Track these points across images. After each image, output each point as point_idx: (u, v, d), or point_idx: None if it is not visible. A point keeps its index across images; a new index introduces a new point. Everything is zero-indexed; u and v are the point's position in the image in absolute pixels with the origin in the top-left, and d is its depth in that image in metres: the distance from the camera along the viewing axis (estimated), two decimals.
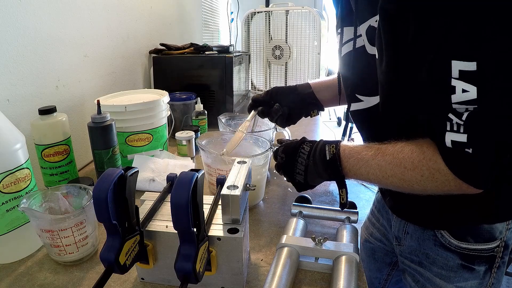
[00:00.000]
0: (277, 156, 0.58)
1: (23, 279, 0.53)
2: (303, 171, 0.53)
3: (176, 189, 0.38)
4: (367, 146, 0.49)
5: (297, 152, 0.54)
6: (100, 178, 0.40)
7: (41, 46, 0.80)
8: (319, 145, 0.52)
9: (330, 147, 0.51)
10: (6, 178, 0.53)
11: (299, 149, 0.54)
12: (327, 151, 0.51)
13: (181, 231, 0.40)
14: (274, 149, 0.60)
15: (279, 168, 0.57)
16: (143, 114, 0.87)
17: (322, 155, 0.51)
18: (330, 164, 0.50)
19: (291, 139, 0.61)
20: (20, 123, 0.74)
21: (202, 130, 1.13)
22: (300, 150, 0.54)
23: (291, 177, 0.55)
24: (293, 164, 0.54)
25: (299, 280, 0.52)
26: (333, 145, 0.51)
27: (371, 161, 0.47)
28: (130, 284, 0.51)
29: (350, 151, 0.50)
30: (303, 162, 0.53)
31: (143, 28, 1.36)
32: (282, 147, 0.57)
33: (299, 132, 1.29)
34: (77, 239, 0.53)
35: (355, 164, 0.49)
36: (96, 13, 1.02)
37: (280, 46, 1.96)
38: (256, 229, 0.66)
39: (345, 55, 0.58)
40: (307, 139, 0.57)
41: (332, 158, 0.50)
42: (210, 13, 2.59)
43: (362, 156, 0.48)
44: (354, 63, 0.56)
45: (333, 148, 0.51)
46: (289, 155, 0.55)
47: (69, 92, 0.91)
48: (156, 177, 0.80)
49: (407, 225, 0.62)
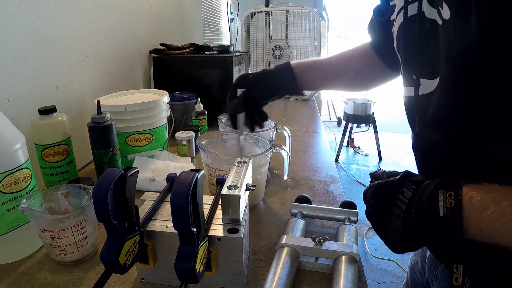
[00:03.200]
0: (366, 200, 0.41)
1: (23, 279, 0.53)
2: (400, 228, 0.36)
3: (176, 189, 0.38)
4: (507, 191, 0.32)
5: (393, 199, 0.37)
6: (100, 178, 0.40)
7: (41, 46, 0.80)
8: (428, 190, 0.34)
9: (447, 196, 0.33)
10: (6, 178, 0.53)
11: (396, 195, 0.37)
12: (441, 202, 0.33)
13: (181, 231, 0.40)
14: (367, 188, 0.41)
15: (368, 217, 0.40)
16: (143, 114, 0.87)
17: (431, 208, 0.33)
18: (444, 224, 0.32)
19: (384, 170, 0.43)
20: (20, 123, 0.74)
21: (202, 130, 1.13)
22: (398, 196, 0.37)
23: (383, 234, 0.38)
24: (386, 216, 0.37)
25: (299, 280, 0.52)
26: (451, 192, 0.33)
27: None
28: (130, 284, 0.51)
29: (482, 199, 0.32)
30: (400, 216, 0.36)
31: (143, 28, 1.36)
32: (372, 189, 0.40)
33: (299, 132, 1.29)
34: (77, 239, 0.53)
35: (494, 221, 0.31)
36: (96, 13, 1.02)
37: (280, 46, 1.96)
38: (256, 229, 0.66)
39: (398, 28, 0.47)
40: (411, 174, 0.39)
41: (449, 213, 0.32)
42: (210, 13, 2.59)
43: (503, 208, 0.30)
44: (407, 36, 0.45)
45: (451, 199, 0.32)
46: (380, 202, 0.38)
47: (69, 92, 0.91)
48: (156, 177, 0.80)
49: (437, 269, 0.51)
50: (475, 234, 0.32)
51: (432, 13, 0.39)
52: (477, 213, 0.32)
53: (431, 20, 0.39)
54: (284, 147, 0.76)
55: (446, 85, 0.39)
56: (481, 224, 0.31)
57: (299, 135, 1.26)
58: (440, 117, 0.41)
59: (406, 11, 0.44)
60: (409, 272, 0.68)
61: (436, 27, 0.39)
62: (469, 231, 0.32)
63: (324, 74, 0.72)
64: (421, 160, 0.49)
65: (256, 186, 0.59)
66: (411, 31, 0.44)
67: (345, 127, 3.44)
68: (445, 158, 0.42)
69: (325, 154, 1.08)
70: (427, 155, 0.47)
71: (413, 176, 0.38)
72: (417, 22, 0.43)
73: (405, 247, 0.38)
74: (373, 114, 3.26)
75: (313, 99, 1.94)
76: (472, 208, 0.32)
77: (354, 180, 3.03)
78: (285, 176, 0.80)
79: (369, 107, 3.22)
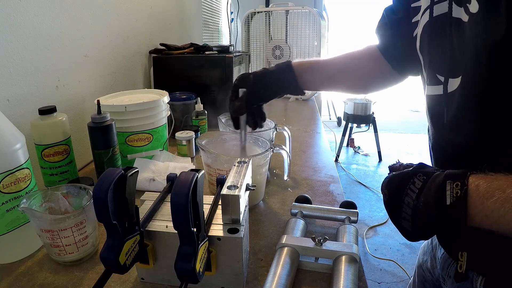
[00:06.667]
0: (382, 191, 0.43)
1: (23, 279, 0.53)
2: (411, 216, 0.38)
3: (176, 189, 0.38)
4: None
5: (405, 189, 0.39)
6: (100, 178, 0.40)
7: (41, 46, 0.80)
8: (437, 180, 0.36)
9: (454, 186, 0.35)
10: (6, 178, 0.53)
11: (408, 184, 0.39)
12: (448, 192, 0.35)
13: (181, 231, 0.40)
14: None
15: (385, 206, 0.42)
16: (143, 114, 0.87)
17: (439, 197, 0.35)
18: (450, 213, 0.34)
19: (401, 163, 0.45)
20: (20, 123, 0.74)
21: (202, 130, 1.13)
22: (409, 186, 0.39)
23: (397, 223, 0.40)
24: (399, 205, 0.39)
25: (299, 280, 0.52)
26: (458, 182, 0.34)
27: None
28: (130, 284, 0.51)
29: (487, 187, 0.33)
30: (411, 204, 0.38)
31: (143, 28, 1.36)
32: (387, 180, 0.42)
33: (299, 132, 1.29)
34: (77, 239, 0.53)
35: (499, 207, 0.32)
36: (96, 13, 1.02)
37: (280, 46, 1.96)
38: (256, 229, 0.66)
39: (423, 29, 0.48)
40: (425, 165, 0.41)
41: (455, 202, 0.34)
42: (210, 13, 2.59)
43: (508, 195, 0.32)
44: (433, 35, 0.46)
45: (457, 188, 0.34)
46: (394, 191, 0.40)
47: (69, 92, 0.91)
48: (156, 177, 0.80)
49: (450, 268, 0.52)
50: (481, 221, 0.34)
51: (458, 12, 0.40)
52: (483, 201, 0.33)
53: (457, 19, 0.40)
54: (284, 147, 0.76)
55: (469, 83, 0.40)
56: (487, 211, 0.33)
57: (299, 135, 1.26)
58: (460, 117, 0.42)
59: (432, 11, 0.45)
60: (417, 271, 0.68)
61: (462, 25, 0.39)
62: (476, 218, 0.34)
63: (325, 76, 0.72)
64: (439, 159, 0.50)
65: (256, 186, 0.59)
66: (437, 30, 0.45)
67: (345, 127, 3.44)
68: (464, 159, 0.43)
69: (325, 154, 1.08)
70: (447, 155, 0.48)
71: (426, 168, 0.40)
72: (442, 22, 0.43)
73: (417, 236, 0.39)
74: (373, 114, 3.26)
75: (313, 99, 1.94)
76: (478, 195, 0.33)
77: (354, 180, 3.03)
78: (285, 176, 0.80)
79: (369, 107, 3.22)
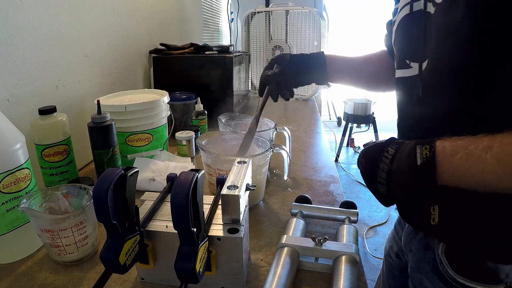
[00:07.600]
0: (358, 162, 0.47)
1: (23, 279, 0.53)
2: (385, 180, 0.42)
3: (176, 189, 0.38)
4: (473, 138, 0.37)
5: (380, 156, 0.43)
6: (100, 178, 0.40)
7: (41, 46, 0.80)
8: (408, 146, 0.41)
9: (423, 149, 0.39)
10: (6, 178, 0.53)
11: (383, 152, 0.44)
12: (418, 154, 0.39)
13: (181, 231, 0.40)
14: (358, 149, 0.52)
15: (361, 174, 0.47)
16: (143, 114, 0.87)
17: (411, 159, 0.39)
18: (421, 172, 0.38)
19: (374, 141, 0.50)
20: (20, 123, 0.74)
21: (202, 130, 1.13)
22: (384, 154, 0.43)
23: (372, 188, 0.45)
24: (374, 170, 0.44)
25: (299, 280, 0.52)
26: (427, 145, 0.39)
27: (485, 155, 0.35)
28: (130, 284, 0.51)
29: (453, 147, 0.38)
30: (385, 168, 0.42)
31: (143, 28, 1.36)
32: (364, 150, 0.47)
33: (299, 132, 1.29)
34: (77, 239, 0.53)
35: (463, 162, 0.36)
36: (96, 13, 1.02)
37: (280, 46, 1.96)
38: (256, 229, 0.66)
39: (401, 19, 0.53)
40: (396, 139, 0.46)
41: (425, 162, 0.38)
42: (210, 13, 2.59)
43: (471, 151, 0.36)
44: (408, 27, 0.51)
45: (426, 150, 0.38)
46: (369, 159, 0.45)
47: (69, 92, 0.91)
48: (156, 177, 0.80)
49: (412, 242, 0.57)
50: (449, 178, 0.38)
51: (429, 7, 0.46)
52: (449, 158, 0.37)
53: (427, 12, 0.46)
54: (284, 147, 0.76)
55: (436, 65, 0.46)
56: (453, 168, 0.37)
57: (299, 135, 1.26)
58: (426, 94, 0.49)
59: (412, 7, 0.50)
60: (384, 260, 0.74)
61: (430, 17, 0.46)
62: (443, 176, 0.38)
63: (349, 67, 0.78)
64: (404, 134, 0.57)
65: (256, 186, 0.59)
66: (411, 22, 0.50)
67: (345, 127, 3.44)
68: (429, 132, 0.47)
69: (325, 154, 1.08)
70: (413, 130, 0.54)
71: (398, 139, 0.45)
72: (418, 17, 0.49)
73: (391, 199, 0.44)
74: (373, 114, 3.26)
75: (313, 99, 1.94)
76: (445, 154, 0.38)
77: (354, 180, 3.03)
78: (285, 176, 0.80)
79: (369, 107, 3.22)
